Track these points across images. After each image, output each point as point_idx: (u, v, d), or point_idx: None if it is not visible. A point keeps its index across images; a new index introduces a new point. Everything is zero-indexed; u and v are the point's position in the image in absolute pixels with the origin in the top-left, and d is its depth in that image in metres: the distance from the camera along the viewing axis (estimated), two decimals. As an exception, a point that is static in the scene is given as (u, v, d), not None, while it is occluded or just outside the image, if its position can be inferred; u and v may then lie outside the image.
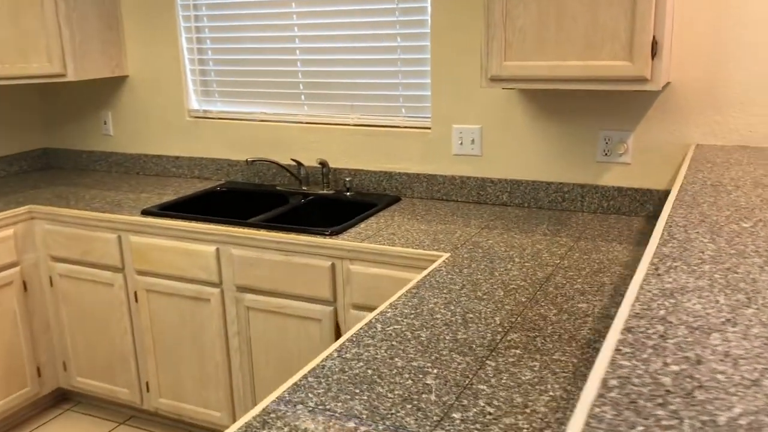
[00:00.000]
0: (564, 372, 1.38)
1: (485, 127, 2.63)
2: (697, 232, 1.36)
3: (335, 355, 1.47)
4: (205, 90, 3.18)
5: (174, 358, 2.71)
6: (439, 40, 2.62)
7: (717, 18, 2.22)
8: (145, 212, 2.66)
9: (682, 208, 1.55)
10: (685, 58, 2.29)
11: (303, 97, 2.97)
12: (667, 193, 2.40)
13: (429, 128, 2.74)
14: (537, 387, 1.32)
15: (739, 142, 2.29)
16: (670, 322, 0.96)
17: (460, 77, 2.62)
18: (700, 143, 2.34)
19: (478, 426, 1.20)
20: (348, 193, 2.84)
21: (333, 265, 2.31)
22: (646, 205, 2.44)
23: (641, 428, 0.71)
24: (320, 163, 2.85)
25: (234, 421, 2.65)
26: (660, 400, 0.76)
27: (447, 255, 2.09)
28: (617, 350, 0.88)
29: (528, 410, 1.25)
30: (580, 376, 1.36)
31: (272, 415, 1.25)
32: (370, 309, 2.28)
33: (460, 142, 2.68)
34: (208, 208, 2.96)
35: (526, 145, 2.58)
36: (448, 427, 1.20)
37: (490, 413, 1.24)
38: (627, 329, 0.94)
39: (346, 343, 1.52)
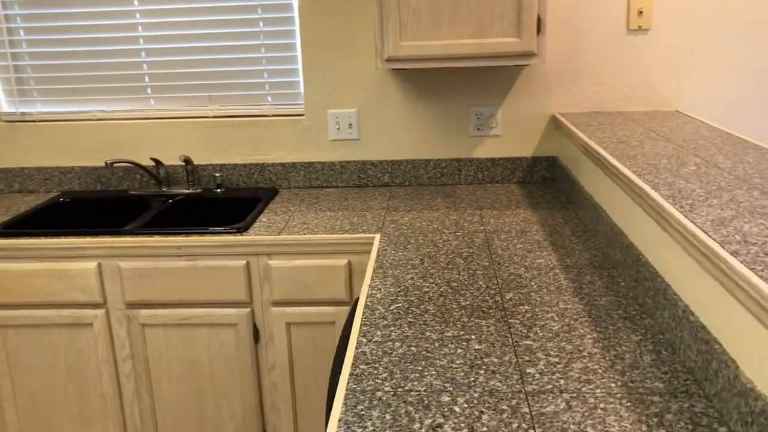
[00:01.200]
0: (581, 317, 1.49)
1: (362, 110, 2.65)
2: (668, 173, 1.56)
3: (365, 341, 1.41)
4: (21, 89, 2.73)
5: (42, 402, 2.32)
6: (308, 24, 2.58)
7: None
8: (-11, 234, 2.23)
9: (629, 160, 1.75)
10: (546, 34, 2.54)
11: (150, 90, 2.70)
12: (534, 159, 2.65)
13: (302, 115, 2.68)
14: (573, 333, 1.41)
15: (590, 109, 2.62)
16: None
17: (333, 62, 2.61)
18: (560, 112, 2.62)
19: (557, 374, 1.25)
20: (218, 190, 2.66)
21: (248, 264, 2.17)
22: (516, 172, 2.67)
23: None
24: (184, 161, 2.63)
25: (130, 455, 2.35)
26: None
27: (378, 236, 2.09)
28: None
29: (585, 353, 1.33)
30: (596, 317, 1.48)
31: (363, 407, 1.17)
32: (293, 304, 2.19)
33: (337, 127, 2.66)
34: (56, 222, 2.56)
35: (403, 125, 2.65)
36: (533, 381, 1.23)
37: (556, 362, 1.30)
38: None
39: (364, 329, 1.47)
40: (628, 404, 1.15)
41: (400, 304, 1.58)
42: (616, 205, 1.80)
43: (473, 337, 1.41)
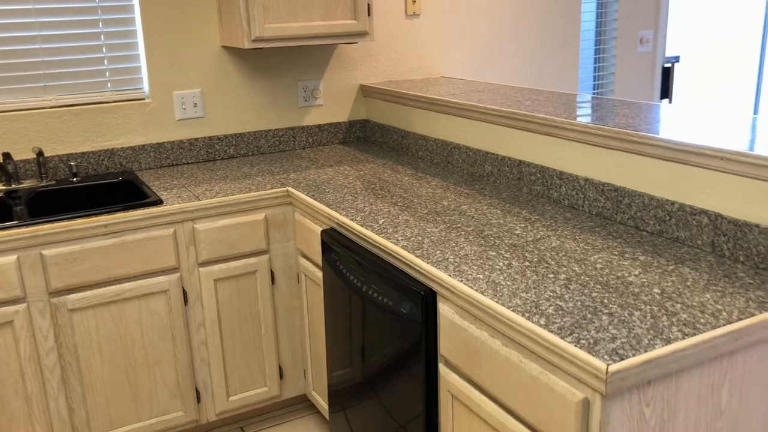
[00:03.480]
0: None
1: (205, 89, 2.89)
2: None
3: (392, 234, 1.87)
4: None
5: (-47, 419, 2.13)
6: (149, 11, 2.72)
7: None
8: None
9: (433, 95, 2.47)
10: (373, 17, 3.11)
11: (-26, 83, 2.53)
12: (350, 123, 3.22)
13: (146, 99, 2.80)
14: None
15: (386, 79, 3.28)
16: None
17: (175, 46, 2.79)
18: (363, 83, 3.23)
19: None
20: (74, 179, 2.64)
21: (175, 231, 2.33)
22: (337, 134, 3.21)
23: (736, 141, 1.66)
24: (37, 153, 2.55)
25: (59, 451, 2.30)
26: (716, 136, 1.72)
27: (290, 188, 2.46)
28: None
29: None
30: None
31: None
32: (220, 261, 2.42)
33: (183, 107, 2.86)
34: None
35: (242, 101, 2.97)
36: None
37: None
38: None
39: (384, 233, 1.92)
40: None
41: (384, 219, 2.05)
42: (425, 122, 2.51)
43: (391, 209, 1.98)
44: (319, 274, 2.33)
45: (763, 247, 1.59)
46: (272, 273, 2.53)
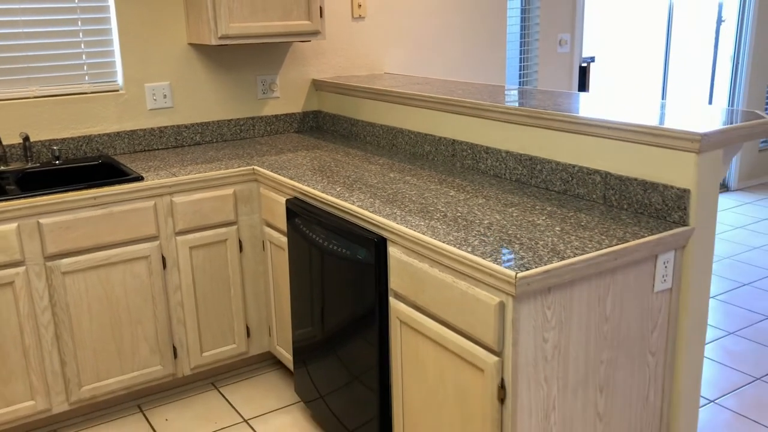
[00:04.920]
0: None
1: (173, 82, 3.22)
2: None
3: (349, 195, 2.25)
4: None
5: (-41, 370, 2.40)
6: (122, 11, 3.03)
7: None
8: None
9: (379, 87, 2.88)
10: (325, 18, 3.48)
11: (-36, 75, 2.80)
12: (303, 114, 3.58)
13: (120, 90, 3.11)
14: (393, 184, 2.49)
15: (335, 74, 3.67)
16: (549, 106, 2.35)
17: (147, 42, 3.11)
18: (315, 78, 3.60)
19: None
20: (57, 162, 2.93)
21: (155, 204, 2.65)
22: (293, 123, 3.57)
23: (620, 115, 2.11)
24: (24, 138, 2.83)
25: (50, 398, 2.58)
26: (605, 112, 2.18)
27: (255, 167, 2.81)
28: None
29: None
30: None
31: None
32: (194, 231, 2.75)
33: (154, 98, 3.17)
34: None
35: (207, 93, 3.31)
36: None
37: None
38: (548, 109, 2.29)
39: (345, 194, 2.29)
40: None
41: (340, 187, 2.43)
42: (372, 111, 2.91)
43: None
44: (284, 239, 2.69)
45: (641, 196, 2.03)
46: (240, 242, 2.87)
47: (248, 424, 2.72)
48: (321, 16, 3.17)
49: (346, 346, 2.33)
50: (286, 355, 2.87)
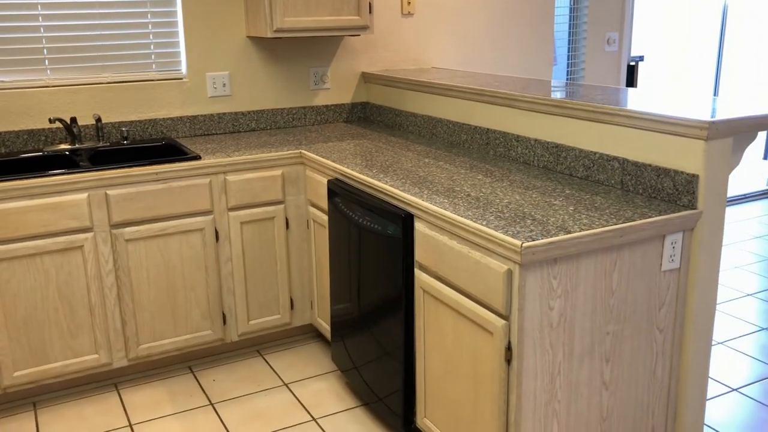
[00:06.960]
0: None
1: (232, 72, 3.47)
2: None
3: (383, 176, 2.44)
4: None
5: (34, 324, 2.69)
6: (188, 6, 3.30)
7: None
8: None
9: (427, 80, 3.04)
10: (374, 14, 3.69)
11: (47, 62, 3.11)
12: (352, 105, 3.79)
13: (184, 78, 3.38)
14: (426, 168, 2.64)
15: (384, 68, 3.86)
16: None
17: (209, 34, 3.38)
18: (365, 71, 3.81)
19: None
20: (125, 142, 3.22)
21: (210, 181, 2.91)
22: (341, 114, 3.79)
23: (638, 105, 2.23)
24: (96, 119, 3.13)
25: (111, 353, 2.86)
26: (626, 102, 2.30)
27: (303, 150, 3.03)
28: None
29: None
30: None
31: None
32: (245, 207, 2.99)
33: (214, 86, 3.44)
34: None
35: (263, 83, 3.55)
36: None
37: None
38: (573, 99, 2.42)
39: (379, 175, 2.48)
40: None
41: (377, 169, 2.62)
42: (415, 102, 3.08)
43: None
44: (325, 217, 2.90)
45: (654, 181, 2.15)
46: (287, 220, 3.10)
47: (288, 387, 2.94)
48: (370, 12, 3.37)
49: (376, 318, 2.52)
50: (325, 326, 3.08)
